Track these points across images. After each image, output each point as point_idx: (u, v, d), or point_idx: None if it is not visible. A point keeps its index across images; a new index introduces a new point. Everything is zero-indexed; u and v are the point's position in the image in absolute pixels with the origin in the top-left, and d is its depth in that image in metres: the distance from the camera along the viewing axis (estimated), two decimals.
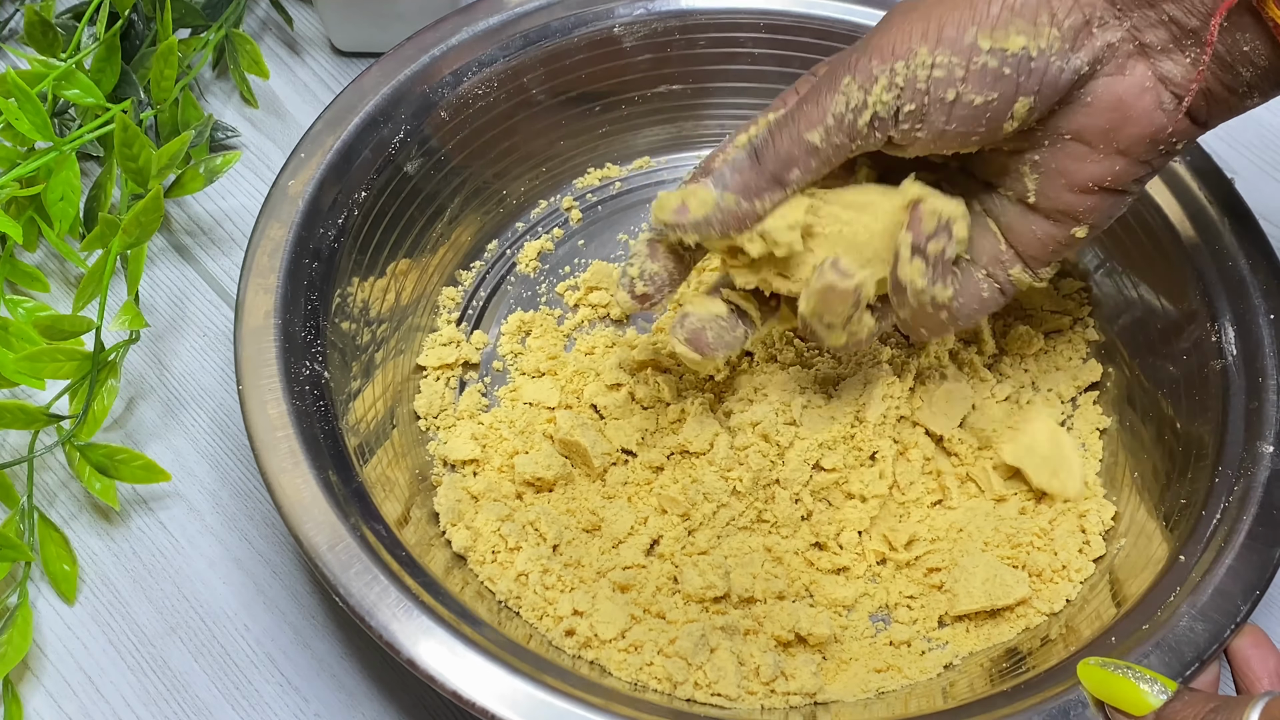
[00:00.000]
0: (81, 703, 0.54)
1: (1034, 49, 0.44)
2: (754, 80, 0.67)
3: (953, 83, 0.45)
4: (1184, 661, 0.47)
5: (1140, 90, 0.46)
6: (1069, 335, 0.62)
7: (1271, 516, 0.50)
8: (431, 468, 0.58)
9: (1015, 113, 0.45)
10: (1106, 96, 0.46)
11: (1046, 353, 0.62)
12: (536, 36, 0.64)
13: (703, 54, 0.67)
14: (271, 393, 0.52)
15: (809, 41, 0.66)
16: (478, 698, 0.45)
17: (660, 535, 0.56)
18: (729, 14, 0.66)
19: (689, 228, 0.48)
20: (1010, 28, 0.44)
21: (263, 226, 0.57)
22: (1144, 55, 0.45)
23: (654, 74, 0.67)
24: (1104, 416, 0.60)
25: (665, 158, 0.69)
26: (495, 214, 0.66)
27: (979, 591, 0.54)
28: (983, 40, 0.44)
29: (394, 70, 0.62)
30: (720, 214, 0.47)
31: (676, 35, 0.66)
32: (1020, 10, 0.44)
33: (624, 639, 0.51)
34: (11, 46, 0.73)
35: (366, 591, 0.47)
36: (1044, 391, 0.61)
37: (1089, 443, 0.60)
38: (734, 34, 0.66)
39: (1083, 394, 0.61)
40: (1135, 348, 0.60)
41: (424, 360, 0.61)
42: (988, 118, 0.45)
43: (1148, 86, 0.46)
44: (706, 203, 0.47)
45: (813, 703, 0.51)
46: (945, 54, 0.44)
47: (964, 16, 0.45)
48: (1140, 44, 0.45)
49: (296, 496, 0.49)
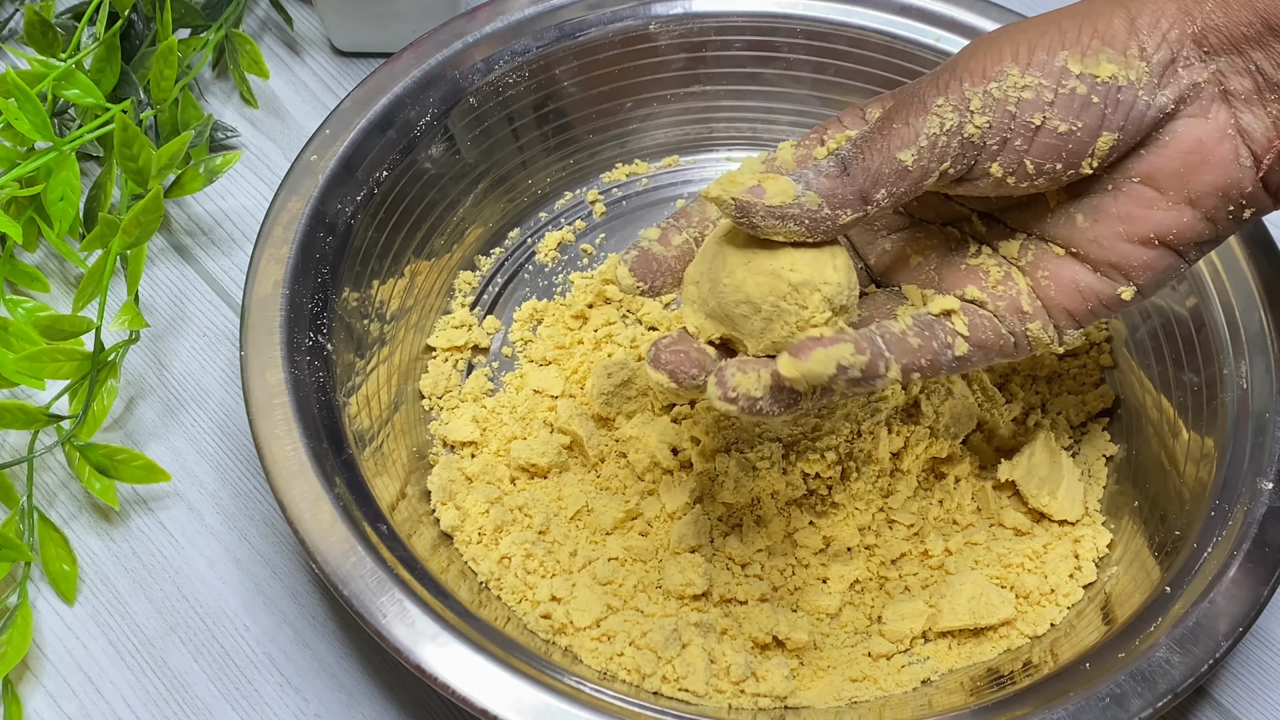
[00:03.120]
0: (81, 703, 0.54)
1: (1123, 79, 0.43)
2: (788, 85, 0.67)
3: (1040, 106, 0.43)
4: (1157, 693, 0.46)
5: (1221, 136, 0.44)
6: (1083, 360, 0.61)
7: (1263, 554, 0.49)
8: (431, 447, 0.59)
9: (1097, 149, 0.44)
10: (1186, 138, 0.44)
11: (1059, 376, 0.61)
12: (572, 29, 0.65)
13: (737, 56, 0.67)
14: (271, 360, 0.53)
15: (844, 49, 0.66)
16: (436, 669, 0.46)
17: (648, 530, 0.56)
18: (766, 18, 0.66)
19: (759, 212, 0.42)
20: (1100, 55, 0.43)
21: (282, 198, 0.58)
22: (1227, 102, 0.44)
23: (687, 74, 0.67)
24: (1111, 444, 0.59)
25: (694, 158, 0.69)
26: (519, 203, 0.67)
27: (963, 609, 0.53)
28: (1073, 64, 0.43)
29: (426, 54, 0.63)
30: (798, 210, 0.42)
31: (712, 36, 0.66)
32: (1110, 40, 0.43)
33: (598, 628, 0.52)
34: (11, 46, 0.73)
35: (343, 560, 0.48)
36: (1053, 414, 0.60)
37: (1094, 469, 0.59)
38: (770, 38, 0.66)
39: (1092, 420, 0.60)
40: (1148, 376, 0.59)
41: (434, 341, 0.62)
42: (1069, 150, 0.44)
43: (1229, 134, 0.44)
44: (786, 193, 0.42)
45: (783, 706, 0.51)
46: (1035, 76, 0.43)
47: (1054, 41, 0.43)
48: (1224, 90, 0.44)
49: (285, 463, 0.50)
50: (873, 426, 0.57)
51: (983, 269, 0.48)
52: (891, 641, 0.54)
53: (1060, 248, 0.47)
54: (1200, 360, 0.57)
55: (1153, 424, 0.58)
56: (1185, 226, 0.45)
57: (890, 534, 0.56)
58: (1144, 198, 0.45)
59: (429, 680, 0.46)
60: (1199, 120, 0.44)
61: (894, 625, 0.54)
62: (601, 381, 0.58)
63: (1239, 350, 0.56)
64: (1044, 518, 0.57)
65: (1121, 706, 0.46)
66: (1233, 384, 0.55)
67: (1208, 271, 0.57)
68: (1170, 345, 0.59)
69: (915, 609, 0.54)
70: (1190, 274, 0.58)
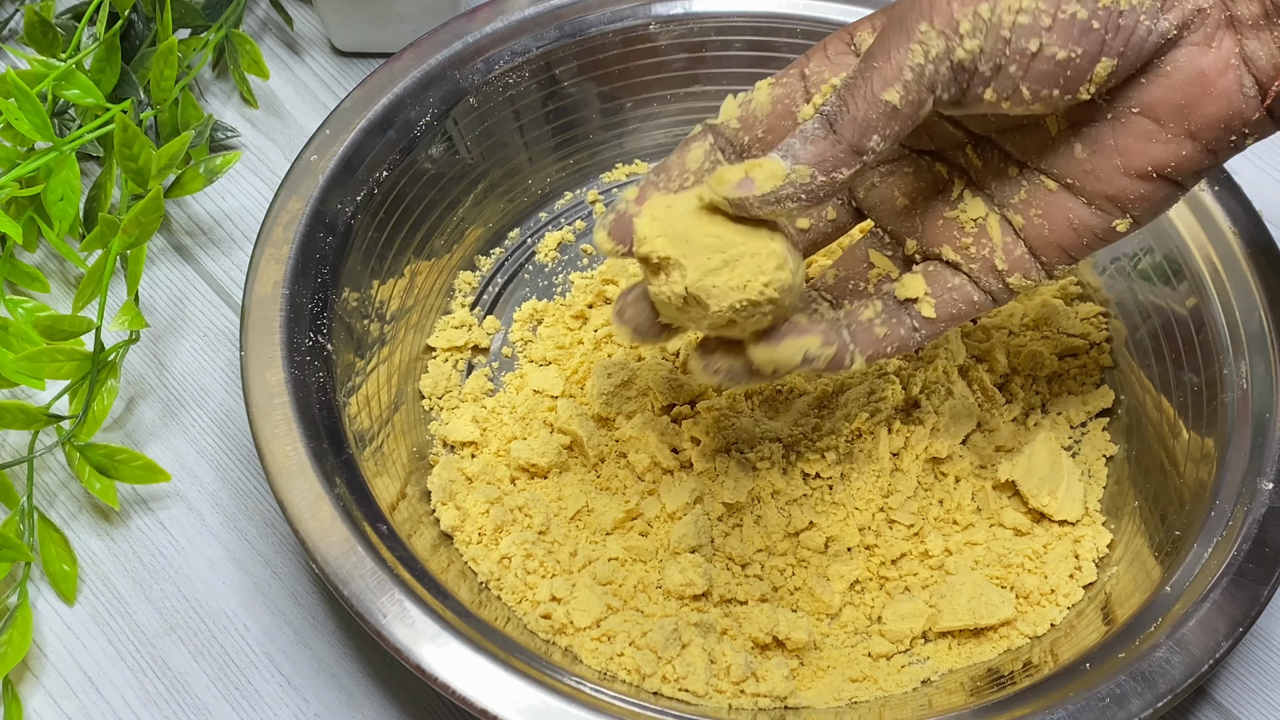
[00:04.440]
0: (81, 703, 0.54)
1: (1125, 2, 0.41)
2: None
3: (1037, 31, 0.41)
4: (1157, 693, 0.46)
5: (1224, 67, 0.42)
6: (1083, 359, 0.61)
7: (1263, 554, 0.49)
8: (431, 447, 0.59)
9: (1095, 75, 0.42)
10: (1188, 68, 0.42)
11: (1059, 376, 0.61)
12: (572, 29, 0.65)
13: (737, 56, 0.67)
14: (271, 360, 0.53)
15: None
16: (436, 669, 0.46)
17: (648, 530, 0.56)
18: (766, 18, 0.66)
19: (756, 203, 0.41)
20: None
21: (282, 198, 0.58)
22: (1232, 28, 0.42)
23: (687, 74, 0.67)
24: (1111, 444, 0.59)
25: None
26: (519, 203, 0.67)
27: (964, 609, 0.53)
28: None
29: (426, 54, 0.63)
30: (792, 189, 0.41)
31: (712, 36, 0.66)
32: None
33: (598, 628, 0.52)
34: (11, 46, 0.73)
35: (343, 560, 0.48)
36: (1053, 414, 0.60)
37: (1094, 469, 0.59)
38: (770, 38, 0.66)
39: (1092, 420, 0.60)
40: (1148, 376, 0.59)
41: (434, 341, 0.62)
42: (1066, 77, 0.42)
43: (1232, 64, 0.42)
44: (776, 175, 0.41)
45: (783, 706, 0.51)
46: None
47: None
48: (1231, 15, 0.42)
49: (285, 463, 0.50)
50: (873, 426, 0.57)
51: (959, 223, 0.47)
52: (891, 641, 0.54)
53: (1054, 182, 0.46)
54: (1200, 360, 0.57)
55: (1153, 424, 0.58)
56: (1185, 159, 0.44)
57: (890, 534, 0.56)
58: (1143, 130, 0.44)
59: (429, 680, 0.46)
60: (1202, 49, 0.42)
61: (894, 625, 0.54)
62: (601, 381, 0.58)
63: (1239, 350, 0.56)
64: (1044, 518, 0.57)
65: (1121, 706, 0.46)
66: (1233, 384, 0.55)
67: (1208, 271, 0.58)
68: (1170, 345, 0.59)
69: (915, 609, 0.54)
70: (1190, 274, 0.58)
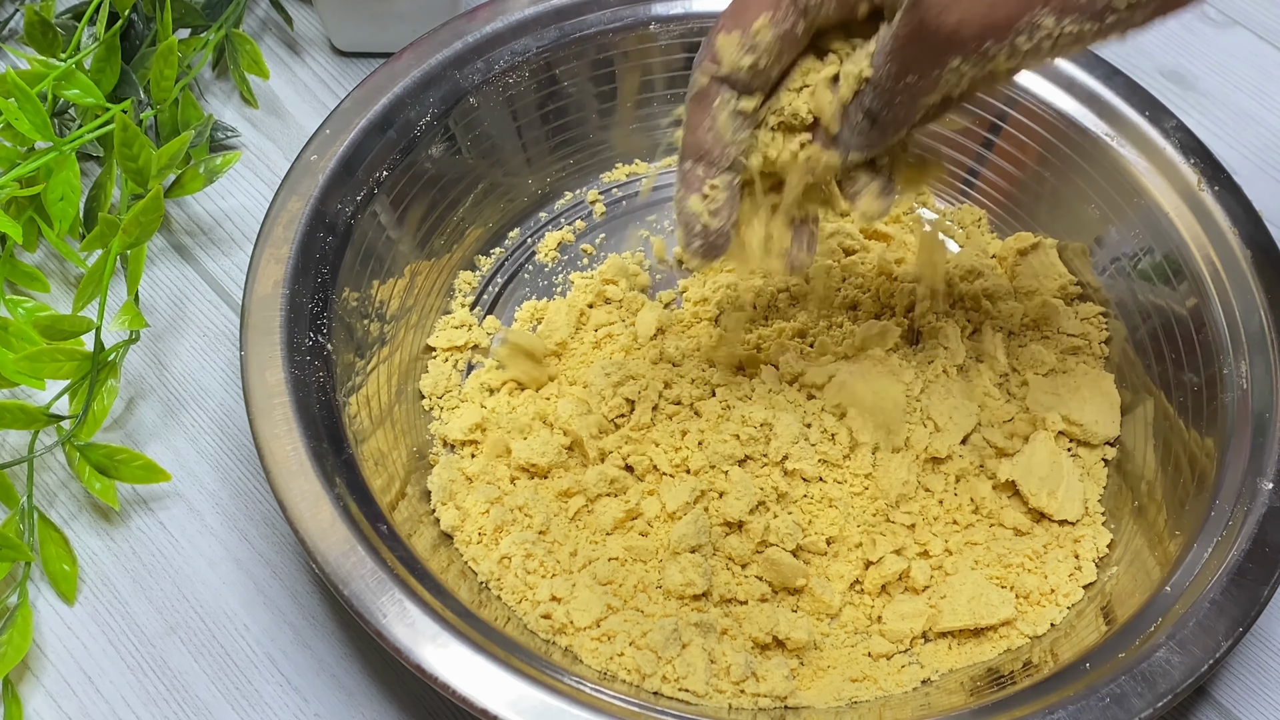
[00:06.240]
0: (81, 703, 0.54)
1: None
2: None
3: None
4: (1157, 693, 0.46)
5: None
6: (1083, 359, 0.61)
7: (1263, 554, 0.49)
8: (431, 447, 0.59)
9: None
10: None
11: (1059, 374, 0.61)
12: (572, 29, 0.65)
13: None
14: (271, 360, 0.53)
15: None
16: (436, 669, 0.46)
17: (648, 530, 0.56)
18: None
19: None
20: None
21: (282, 198, 0.58)
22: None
23: (687, 74, 0.66)
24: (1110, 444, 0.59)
25: None
26: (519, 203, 0.67)
27: (963, 609, 0.53)
28: None
29: (426, 54, 0.63)
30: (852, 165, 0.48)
31: None
32: None
33: (598, 628, 0.52)
34: (11, 46, 0.73)
35: (343, 560, 0.48)
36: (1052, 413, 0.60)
37: (1094, 469, 0.59)
38: None
39: None
40: (1148, 376, 0.59)
41: (434, 341, 0.62)
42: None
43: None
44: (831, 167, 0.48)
45: (783, 706, 0.51)
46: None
47: None
48: None
49: (285, 463, 0.50)
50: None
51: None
52: (891, 641, 0.54)
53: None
54: (1200, 360, 0.57)
55: (1153, 424, 0.58)
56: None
57: (890, 534, 0.56)
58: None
59: (429, 680, 0.46)
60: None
61: (894, 625, 0.54)
62: (601, 381, 0.58)
63: (1239, 350, 0.56)
64: (1044, 518, 0.57)
65: (1121, 706, 0.46)
66: (1233, 384, 0.55)
67: (1208, 271, 0.58)
68: (1170, 345, 0.59)
69: (915, 609, 0.54)
70: (1190, 274, 0.58)
